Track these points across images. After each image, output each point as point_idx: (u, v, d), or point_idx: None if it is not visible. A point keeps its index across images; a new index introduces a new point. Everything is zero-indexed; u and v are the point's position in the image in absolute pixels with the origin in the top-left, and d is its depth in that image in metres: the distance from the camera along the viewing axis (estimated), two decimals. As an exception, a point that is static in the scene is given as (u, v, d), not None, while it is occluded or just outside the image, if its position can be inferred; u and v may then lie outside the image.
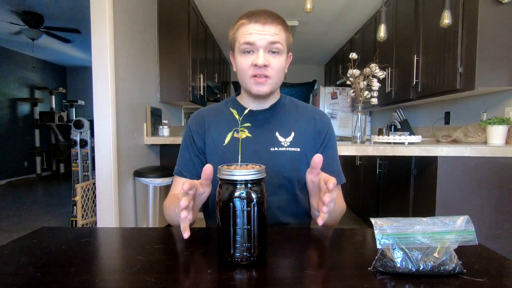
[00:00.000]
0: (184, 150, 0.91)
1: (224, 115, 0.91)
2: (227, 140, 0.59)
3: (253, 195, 0.52)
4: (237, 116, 0.60)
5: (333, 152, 0.91)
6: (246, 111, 0.67)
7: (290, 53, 0.89)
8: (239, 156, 0.59)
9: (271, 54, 0.80)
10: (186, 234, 0.54)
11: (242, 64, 0.81)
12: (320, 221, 0.57)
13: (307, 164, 0.88)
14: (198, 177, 0.88)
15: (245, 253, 0.52)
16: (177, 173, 0.89)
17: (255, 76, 0.81)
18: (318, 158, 0.62)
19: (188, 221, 0.57)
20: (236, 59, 0.84)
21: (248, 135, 0.59)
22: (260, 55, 0.79)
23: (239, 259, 0.52)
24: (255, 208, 0.52)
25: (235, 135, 0.59)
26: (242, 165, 0.57)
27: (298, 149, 0.86)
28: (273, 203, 0.85)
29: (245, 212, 0.52)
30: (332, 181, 0.56)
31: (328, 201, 0.56)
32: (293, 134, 0.88)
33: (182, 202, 0.52)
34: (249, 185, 0.53)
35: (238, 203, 0.52)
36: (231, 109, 0.64)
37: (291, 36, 0.86)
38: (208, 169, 0.58)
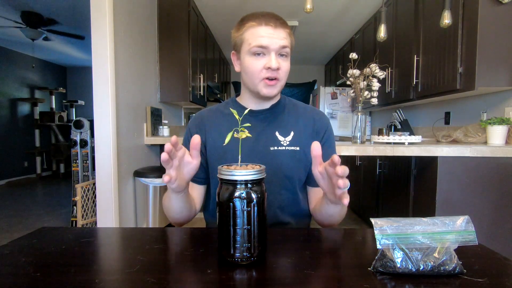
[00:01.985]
0: None
1: (224, 115, 0.92)
2: (227, 140, 0.59)
3: (253, 195, 0.52)
4: (237, 116, 0.60)
5: (332, 151, 0.92)
6: (246, 111, 0.67)
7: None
8: (239, 156, 0.59)
9: (280, 57, 0.82)
10: (166, 178, 0.59)
11: (253, 66, 0.81)
12: (345, 200, 0.56)
13: (307, 163, 0.88)
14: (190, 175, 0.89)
15: (245, 253, 0.52)
16: None
17: (267, 78, 0.81)
18: (315, 145, 0.60)
19: (173, 175, 0.61)
20: (244, 60, 0.83)
21: (248, 135, 0.59)
22: (273, 58, 0.79)
23: (239, 259, 0.52)
24: (255, 208, 0.52)
25: (235, 135, 0.59)
26: (242, 165, 0.57)
27: (298, 148, 0.87)
28: (273, 203, 0.85)
29: (245, 212, 0.52)
30: (335, 157, 0.54)
31: (341, 171, 0.53)
32: (292, 133, 0.88)
33: (166, 145, 0.56)
34: (249, 185, 0.53)
35: (238, 203, 0.52)
36: (231, 109, 0.64)
37: (294, 39, 0.87)
38: (195, 138, 0.60)
